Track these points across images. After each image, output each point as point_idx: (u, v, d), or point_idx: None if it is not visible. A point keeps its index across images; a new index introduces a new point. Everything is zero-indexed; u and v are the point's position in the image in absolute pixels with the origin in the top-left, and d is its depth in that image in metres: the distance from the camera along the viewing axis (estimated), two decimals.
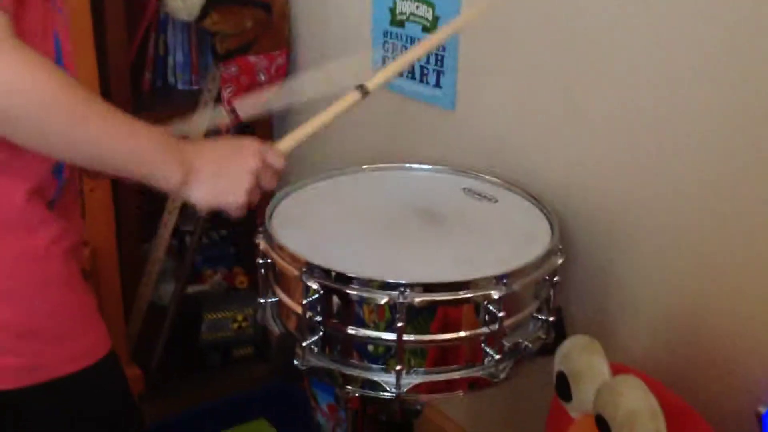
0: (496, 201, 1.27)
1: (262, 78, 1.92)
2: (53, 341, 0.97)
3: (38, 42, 0.91)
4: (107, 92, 1.81)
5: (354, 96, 1.04)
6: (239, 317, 2.09)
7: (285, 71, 1.96)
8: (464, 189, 1.31)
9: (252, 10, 1.86)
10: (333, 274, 1.04)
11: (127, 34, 1.87)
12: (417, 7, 1.52)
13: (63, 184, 0.99)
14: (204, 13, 1.79)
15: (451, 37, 1.13)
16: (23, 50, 0.81)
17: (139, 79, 1.98)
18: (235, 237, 2.31)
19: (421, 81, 1.55)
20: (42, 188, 0.95)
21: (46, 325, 0.97)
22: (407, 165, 1.40)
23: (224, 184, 0.95)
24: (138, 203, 1.94)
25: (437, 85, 1.51)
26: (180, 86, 2.03)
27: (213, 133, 1.92)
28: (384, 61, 1.64)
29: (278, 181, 1.02)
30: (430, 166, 1.39)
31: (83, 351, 1.00)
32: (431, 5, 1.48)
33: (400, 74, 1.06)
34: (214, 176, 0.95)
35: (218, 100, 1.91)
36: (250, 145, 0.99)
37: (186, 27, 1.99)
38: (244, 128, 2.04)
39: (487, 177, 1.34)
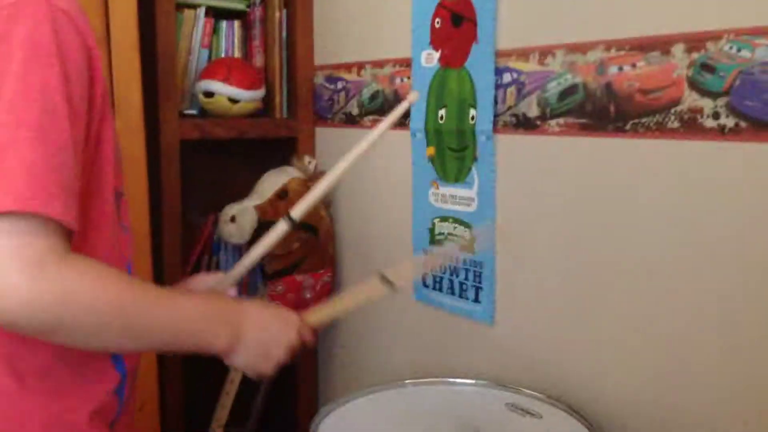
0: (540, 416, 1.27)
1: (308, 296, 1.99)
2: None
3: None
4: None
5: (379, 288, 1.12)
6: None
7: (330, 288, 2.04)
8: (507, 404, 1.31)
9: (299, 232, 1.98)
10: None
11: (183, 256, 1.99)
12: (455, 227, 1.61)
13: (124, 403, 1.01)
14: (255, 236, 1.91)
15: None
16: (77, 261, 0.85)
17: None
18: None
19: (461, 296, 1.60)
20: (104, 409, 0.97)
21: None
22: (450, 380, 1.41)
23: (264, 353, 1.01)
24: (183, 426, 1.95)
25: (476, 300, 1.56)
26: None
27: None
28: (424, 278, 1.71)
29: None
30: (472, 381, 1.41)
31: None
32: (468, 226, 1.57)
33: None
34: (257, 344, 1.00)
35: None
36: (292, 319, 1.05)
37: (237, 249, 2.11)
38: None
39: (530, 392, 1.34)
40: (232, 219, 1.91)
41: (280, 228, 1.35)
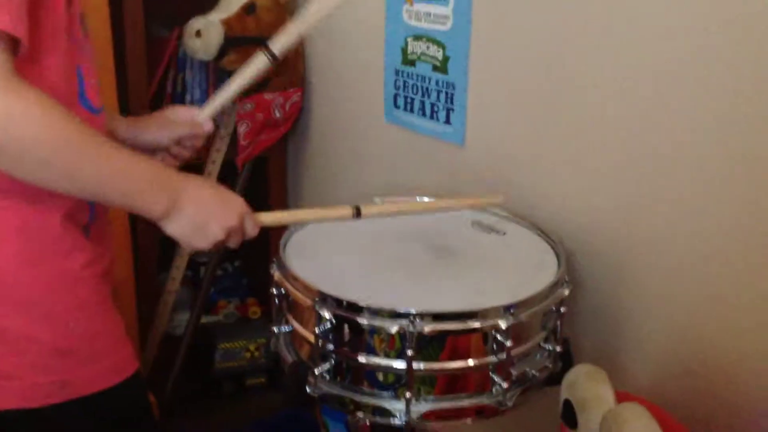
0: (505, 234, 1.30)
1: (277, 114, 1.97)
2: (85, 360, 1.01)
3: (61, 76, 0.96)
4: None
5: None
6: (252, 347, 2.13)
7: (299, 108, 2.02)
8: (473, 222, 1.34)
9: (268, 49, 1.92)
10: (345, 303, 1.07)
11: (148, 72, 1.94)
12: (428, 47, 1.57)
13: (96, 209, 1.03)
14: (222, 52, 1.86)
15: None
16: (19, 88, 0.83)
17: None
18: (249, 268, 2.35)
19: (432, 118, 1.59)
20: (76, 214, 0.99)
21: (79, 345, 1.01)
22: (418, 199, 1.43)
23: (197, 229, 1.01)
24: (156, 233, 1.98)
25: (447, 122, 1.56)
26: None
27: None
28: (395, 99, 1.69)
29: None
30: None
31: (113, 368, 1.05)
32: (441, 45, 1.53)
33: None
34: (192, 219, 1.00)
35: (234, 135, 1.97)
36: (236, 205, 1.04)
37: (204, 66, 2.05)
38: (259, 159, 2.09)
39: (496, 210, 1.37)
40: (198, 33, 1.84)
41: (260, 62, 1.31)
